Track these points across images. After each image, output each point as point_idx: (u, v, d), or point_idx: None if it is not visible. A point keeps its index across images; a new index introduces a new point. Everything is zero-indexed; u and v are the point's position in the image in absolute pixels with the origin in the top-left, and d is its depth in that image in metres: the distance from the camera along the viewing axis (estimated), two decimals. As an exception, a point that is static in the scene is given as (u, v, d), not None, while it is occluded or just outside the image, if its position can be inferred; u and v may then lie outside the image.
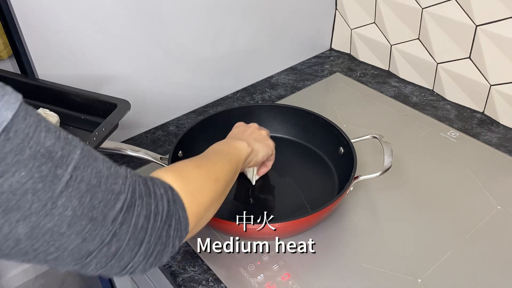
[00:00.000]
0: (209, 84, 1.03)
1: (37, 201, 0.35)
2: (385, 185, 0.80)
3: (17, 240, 0.35)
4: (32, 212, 0.35)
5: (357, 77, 1.12)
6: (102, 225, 0.39)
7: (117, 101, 0.72)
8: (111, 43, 0.83)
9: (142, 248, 0.43)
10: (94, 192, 0.38)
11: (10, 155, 0.33)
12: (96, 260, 0.40)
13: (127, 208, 0.41)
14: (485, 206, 0.76)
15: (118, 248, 0.41)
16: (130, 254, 0.42)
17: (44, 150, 0.35)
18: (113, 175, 0.41)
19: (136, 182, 0.43)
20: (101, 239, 0.39)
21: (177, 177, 0.49)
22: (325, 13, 1.18)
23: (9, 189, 0.33)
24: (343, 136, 0.80)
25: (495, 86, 0.91)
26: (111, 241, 0.40)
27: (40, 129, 0.35)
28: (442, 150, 0.88)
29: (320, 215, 0.69)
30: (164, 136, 0.96)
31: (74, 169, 0.37)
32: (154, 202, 0.44)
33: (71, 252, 0.38)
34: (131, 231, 0.41)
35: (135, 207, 0.41)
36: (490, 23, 0.86)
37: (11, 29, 0.73)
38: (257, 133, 0.74)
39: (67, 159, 0.36)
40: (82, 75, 0.83)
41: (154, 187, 0.45)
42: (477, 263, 0.67)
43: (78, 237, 0.38)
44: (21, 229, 0.35)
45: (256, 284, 0.65)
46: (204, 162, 0.57)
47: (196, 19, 0.93)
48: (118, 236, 0.40)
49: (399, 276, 0.66)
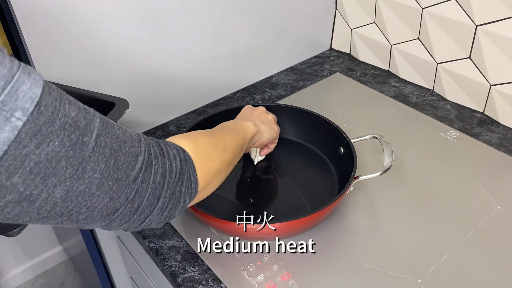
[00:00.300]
0: (209, 84, 1.03)
1: (70, 167, 0.38)
2: (385, 185, 0.80)
3: (54, 203, 0.39)
4: (66, 177, 0.38)
5: (357, 77, 1.12)
6: (126, 184, 0.43)
7: (115, 100, 0.72)
8: (111, 43, 0.83)
9: (160, 203, 0.47)
10: (116, 155, 0.42)
11: (44, 127, 0.36)
12: (121, 216, 0.45)
13: (145, 168, 0.45)
14: (485, 206, 0.76)
15: (140, 203, 0.45)
16: (149, 209, 0.47)
17: (71, 120, 0.38)
18: (129, 139, 0.44)
19: (150, 144, 0.47)
20: (126, 196, 0.43)
21: (188, 142, 0.53)
22: (325, 13, 1.18)
23: (46, 157, 0.36)
24: (343, 136, 0.80)
25: (495, 86, 0.91)
26: (134, 197, 0.44)
27: (64, 101, 0.38)
28: (442, 150, 0.88)
29: (320, 215, 0.69)
30: (164, 136, 0.96)
31: (97, 136, 0.40)
32: (168, 161, 0.48)
33: (100, 210, 0.42)
34: (151, 188, 0.46)
35: (152, 166, 0.46)
36: (490, 23, 0.86)
37: (11, 29, 0.73)
38: (264, 116, 0.78)
39: (90, 127, 0.40)
40: (82, 74, 0.83)
41: (167, 148, 0.49)
42: (477, 263, 0.67)
43: (107, 196, 0.42)
44: (57, 193, 0.38)
45: (256, 284, 0.65)
46: (213, 133, 0.61)
47: (196, 19, 0.93)
48: (140, 193, 0.45)
49: (399, 276, 0.66)
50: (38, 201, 0.38)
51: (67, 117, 0.38)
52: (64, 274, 1.64)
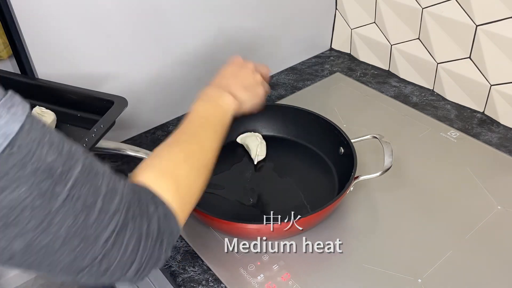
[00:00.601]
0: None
1: (34, 218, 0.34)
2: (385, 185, 0.80)
3: (12, 254, 0.35)
4: (29, 229, 0.34)
5: (357, 77, 1.12)
6: (93, 245, 0.39)
7: (114, 98, 0.72)
8: (111, 43, 0.83)
9: (133, 266, 0.43)
10: (89, 211, 0.38)
11: (12, 171, 0.33)
12: (87, 276, 0.40)
13: (119, 229, 0.40)
14: (485, 206, 0.76)
15: (109, 267, 0.41)
16: (120, 272, 0.42)
17: (45, 166, 0.35)
18: (110, 192, 0.40)
19: (131, 202, 0.42)
20: (92, 257, 0.39)
21: (169, 184, 0.48)
22: (325, 13, 1.18)
23: (9, 204, 0.33)
24: (343, 136, 0.80)
25: (495, 86, 0.91)
26: (102, 260, 0.40)
27: (43, 143, 0.35)
28: (442, 150, 0.88)
29: (320, 215, 0.69)
30: (164, 136, 0.96)
31: (72, 187, 0.36)
32: (146, 222, 0.43)
33: (62, 267, 0.38)
34: (122, 252, 0.41)
35: (127, 229, 0.41)
36: (490, 23, 0.86)
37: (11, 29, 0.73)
38: (250, 78, 0.70)
39: (66, 176, 0.36)
40: (82, 74, 0.83)
41: (148, 205, 0.44)
42: (477, 263, 0.67)
43: (70, 255, 0.38)
44: (17, 245, 0.35)
45: (256, 284, 0.65)
46: (191, 147, 0.55)
47: (196, 19, 0.92)
48: (108, 257, 0.40)
49: (399, 276, 0.66)
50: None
51: (41, 162, 0.34)
52: (64, 274, 1.64)
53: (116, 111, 0.70)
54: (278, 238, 0.71)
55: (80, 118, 0.74)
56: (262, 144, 0.86)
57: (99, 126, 0.66)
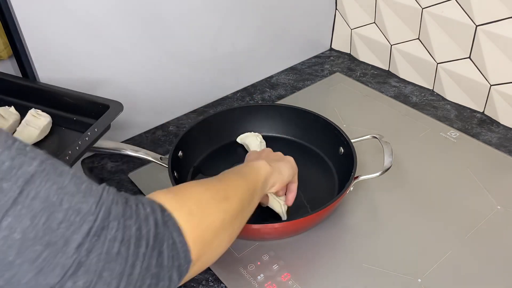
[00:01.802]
0: (209, 84, 1.03)
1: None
2: (385, 185, 0.80)
3: None
4: None
5: (357, 77, 1.12)
6: (62, 252, 0.31)
7: (109, 102, 0.72)
8: (111, 44, 0.83)
9: (123, 283, 0.34)
10: (52, 211, 0.31)
11: None
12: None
13: (96, 231, 0.33)
14: (485, 206, 0.76)
15: (88, 281, 0.32)
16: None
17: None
18: (82, 192, 0.33)
19: (114, 201, 0.35)
20: (63, 269, 0.31)
21: (173, 196, 0.41)
22: (325, 13, 1.18)
23: None
24: (343, 136, 0.80)
25: (495, 86, 0.91)
26: (76, 272, 0.32)
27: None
28: (442, 150, 0.88)
29: (320, 215, 0.69)
30: (164, 136, 0.96)
31: (26, 183, 0.30)
32: (136, 224, 0.35)
33: (26, 286, 0.31)
34: (104, 260, 0.33)
35: (108, 230, 0.33)
36: (490, 23, 0.86)
37: (11, 29, 0.73)
38: (274, 154, 0.69)
39: (17, 171, 0.30)
40: (82, 75, 0.83)
41: (138, 206, 0.37)
42: (477, 263, 0.67)
43: (33, 267, 0.30)
44: None
45: (256, 284, 0.65)
46: (211, 181, 0.49)
47: (196, 19, 0.93)
48: (86, 266, 0.32)
49: (399, 276, 0.66)
50: None
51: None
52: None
53: (111, 115, 0.69)
54: (278, 238, 0.71)
55: (76, 122, 0.74)
56: (262, 144, 0.86)
57: (93, 130, 0.66)
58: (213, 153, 0.87)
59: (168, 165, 0.74)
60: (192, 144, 0.83)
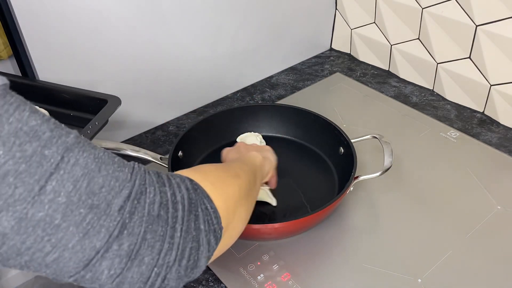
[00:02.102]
0: (209, 84, 1.03)
1: (21, 185, 0.29)
2: (385, 185, 0.80)
3: (4, 235, 0.30)
4: (16, 199, 0.29)
5: (357, 77, 1.12)
6: (106, 214, 0.32)
7: (107, 97, 0.72)
8: (111, 43, 0.83)
9: (166, 244, 0.35)
10: (92, 176, 0.32)
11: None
12: (107, 263, 0.33)
13: (136, 195, 0.34)
14: (485, 206, 0.76)
15: (133, 244, 0.33)
16: (151, 254, 0.34)
17: (27, 128, 0.30)
18: (117, 163, 0.35)
19: (146, 171, 0.37)
20: (108, 231, 0.32)
21: (194, 172, 0.43)
22: (325, 13, 1.18)
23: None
24: (343, 136, 0.80)
25: (495, 86, 0.91)
26: (121, 234, 0.33)
27: (24, 108, 0.31)
28: (442, 150, 0.88)
29: (320, 215, 0.69)
30: (164, 136, 0.96)
31: (66, 150, 0.32)
32: (170, 189, 0.37)
33: (72, 250, 0.32)
34: (146, 222, 0.34)
35: (146, 194, 0.35)
36: (490, 23, 0.86)
37: (11, 29, 0.73)
38: (251, 146, 0.70)
39: (57, 140, 0.31)
40: (82, 74, 0.83)
41: (169, 176, 0.39)
42: (477, 263, 0.67)
43: (79, 230, 0.31)
44: (5, 221, 0.29)
45: (256, 284, 0.65)
46: (221, 164, 0.51)
47: (196, 19, 0.93)
48: (129, 229, 0.33)
49: (399, 276, 0.66)
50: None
51: (21, 124, 0.30)
52: (64, 274, 1.64)
53: (111, 109, 0.70)
54: (278, 238, 0.71)
55: (74, 117, 0.74)
56: (262, 144, 0.86)
57: (94, 123, 0.66)
58: (213, 153, 0.87)
59: (168, 165, 0.74)
60: (192, 144, 0.83)
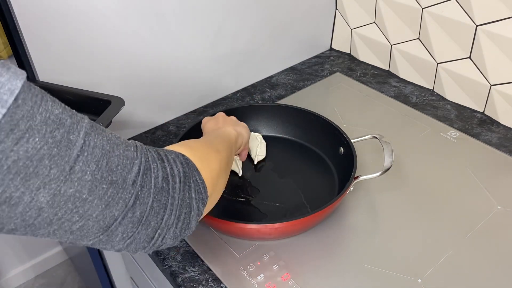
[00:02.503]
0: (209, 84, 1.03)
1: (55, 166, 0.34)
2: (385, 185, 0.80)
3: (40, 209, 0.35)
4: (51, 178, 0.34)
5: (357, 77, 1.12)
6: (123, 188, 0.39)
7: (111, 98, 0.73)
8: (111, 44, 0.83)
9: (168, 211, 0.43)
10: (109, 156, 0.38)
11: (22, 122, 0.33)
12: (122, 228, 0.40)
13: (144, 171, 0.41)
14: (485, 206, 0.76)
15: (143, 212, 0.41)
16: (156, 219, 0.42)
17: (54, 116, 0.35)
18: (123, 143, 0.41)
19: (147, 149, 0.44)
20: (125, 202, 0.39)
21: (184, 147, 0.50)
22: (325, 13, 1.18)
23: (25, 155, 0.33)
24: (343, 136, 0.80)
25: (495, 86, 0.91)
26: (135, 204, 0.40)
27: (47, 98, 0.35)
28: (442, 150, 0.88)
29: (320, 215, 0.69)
30: (164, 136, 0.96)
31: (86, 135, 0.37)
32: (169, 165, 0.44)
33: (96, 219, 0.38)
34: (153, 193, 0.42)
35: (152, 170, 0.42)
36: (490, 23, 0.86)
37: (11, 29, 0.73)
38: (229, 119, 0.75)
39: (77, 126, 0.37)
40: (82, 75, 0.83)
41: (165, 153, 0.46)
42: (477, 263, 0.67)
43: (102, 202, 0.38)
44: (42, 197, 0.34)
45: (256, 284, 0.65)
46: (204, 139, 0.59)
47: (196, 19, 0.93)
48: (141, 199, 0.41)
49: (399, 276, 0.66)
50: (20, 205, 0.34)
51: (49, 113, 0.35)
52: (64, 274, 1.64)
53: (114, 110, 0.70)
54: (278, 238, 0.71)
55: None
56: (262, 144, 0.86)
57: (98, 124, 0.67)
58: (213, 153, 0.87)
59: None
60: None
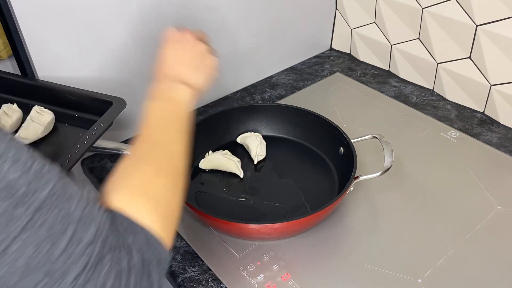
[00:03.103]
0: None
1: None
2: (385, 185, 0.80)
3: None
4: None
5: (357, 77, 1.12)
6: (60, 282, 0.32)
7: (112, 99, 0.73)
8: (111, 43, 0.83)
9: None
10: (55, 240, 0.32)
11: None
12: None
13: (93, 264, 0.34)
14: (485, 206, 0.76)
15: None
16: None
17: (4, 184, 0.30)
18: (85, 219, 0.35)
19: (109, 231, 0.37)
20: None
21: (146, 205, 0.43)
22: (325, 13, 1.18)
23: None
24: (343, 136, 0.80)
25: (495, 86, 0.91)
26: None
27: (5, 158, 0.30)
28: (442, 150, 0.88)
29: (320, 215, 0.69)
30: (164, 136, 0.96)
31: (36, 210, 0.32)
32: (127, 255, 0.37)
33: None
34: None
35: (104, 263, 0.35)
36: (490, 23, 0.86)
37: (11, 29, 0.73)
38: (195, 53, 0.62)
39: (30, 198, 0.31)
40: (82, 75, 0.83)
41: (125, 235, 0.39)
42: (477, 263, 0.67)
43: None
44: None
45: (256, 284, 0.65)
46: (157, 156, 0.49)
47: (195, 20, 0.92)
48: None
49: (399, 276, 0.66)
50: None
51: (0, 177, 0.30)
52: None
53: (115, 111, 0.70)
54: (278, 238, 0.71)
55: (78, 118, 0.75)
56: (262, 144, 0.86)
57: (99, 125, 0.67)
58: (213, 153, 0.87)
59: (168, 165, 0.74)
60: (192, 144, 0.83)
